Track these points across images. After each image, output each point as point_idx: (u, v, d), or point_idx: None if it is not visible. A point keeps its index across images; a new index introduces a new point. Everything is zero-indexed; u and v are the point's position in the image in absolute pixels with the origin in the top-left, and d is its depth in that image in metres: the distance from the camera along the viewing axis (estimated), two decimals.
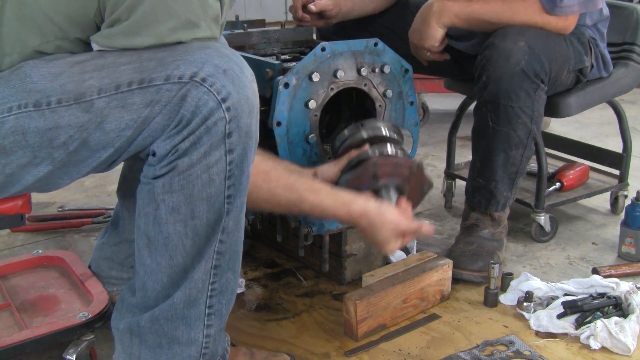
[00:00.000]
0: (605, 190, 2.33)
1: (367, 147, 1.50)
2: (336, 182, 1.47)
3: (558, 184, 2.25)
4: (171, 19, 1.09)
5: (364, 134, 1.53)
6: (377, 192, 1.46)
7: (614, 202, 2.36)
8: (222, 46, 1.12)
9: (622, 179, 2.32)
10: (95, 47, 1.12)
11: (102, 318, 1.46)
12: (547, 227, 2.12)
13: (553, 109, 1.96)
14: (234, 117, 1.08)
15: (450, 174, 2.42)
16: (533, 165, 2.18)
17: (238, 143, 1.10)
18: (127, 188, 1.58)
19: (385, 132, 1.54)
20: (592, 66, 1.97)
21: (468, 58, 2.00)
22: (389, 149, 1.50)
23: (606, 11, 2.01)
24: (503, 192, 1.87)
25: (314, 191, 1.35)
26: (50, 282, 1.63)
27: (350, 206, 1.36)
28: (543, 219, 2.10)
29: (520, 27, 1.76)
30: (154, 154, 1.09)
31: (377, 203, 1.39)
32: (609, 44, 2.09)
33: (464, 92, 2.31)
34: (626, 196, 2.32)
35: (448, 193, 2.43)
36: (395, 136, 1.55)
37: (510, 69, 1.72)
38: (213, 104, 1.06)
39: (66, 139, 1.07)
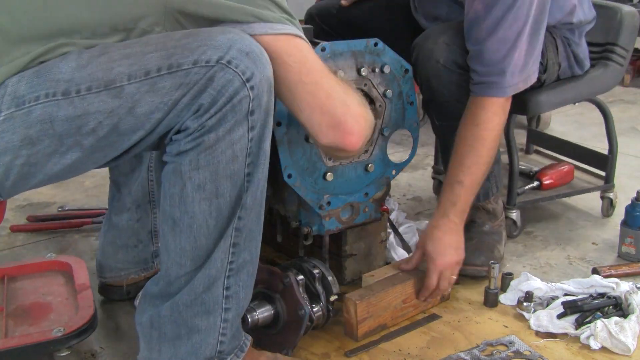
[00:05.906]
0: (589, 190, 2.33)
1: None
2: None
3: (536, 183, 2.29)
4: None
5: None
6: None
7: (609, 204, 2.34)
8: (241, 31, 1.16)
9: (608, 180, 2.31)
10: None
11: (80, 335, 1.39)
12: (519, 223, 2.14)
13: (521, 106, 1.92)
14: (257, 95, 1.14)
15: (438, 170, 2.46)
16: (527, 166, 2.20)
17: (258, 120, 1.16)
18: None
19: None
20: (559, 65, 1.96)
21: None
22: None
23: (591, 13, 1.99)
24: None
25: None
26: (53, 289, 1.59)
27: None
28: (515, 214, 2.12)
29: (441, 27, 1.80)
30: (179, 131, 1.13)
31: None
32: (592, 44, 2.08)
33: None
34: (611, 199, 2.30)
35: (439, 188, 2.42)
36: None
37: (433, 67, 1.75)
38: (238, 84, 1.12)
39: (95, 125, 1.10)
